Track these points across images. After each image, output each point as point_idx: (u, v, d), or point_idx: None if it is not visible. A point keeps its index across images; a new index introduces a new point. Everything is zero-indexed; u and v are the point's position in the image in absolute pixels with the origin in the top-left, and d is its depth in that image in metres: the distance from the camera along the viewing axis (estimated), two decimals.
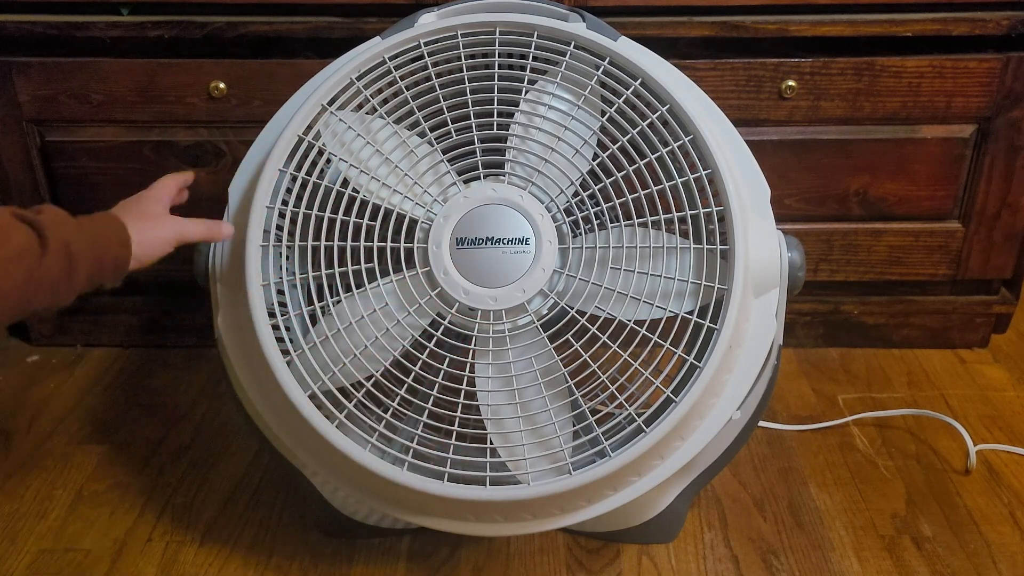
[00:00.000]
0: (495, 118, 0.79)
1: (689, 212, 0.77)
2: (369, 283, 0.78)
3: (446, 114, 0.79)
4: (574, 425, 0.78)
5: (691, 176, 0.77)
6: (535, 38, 0.79)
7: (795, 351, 1.31)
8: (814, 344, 1.32)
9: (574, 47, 0.79)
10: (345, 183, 0.78)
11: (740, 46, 1.13)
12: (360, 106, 0.81)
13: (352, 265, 0.78)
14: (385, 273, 0.78)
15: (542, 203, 0.78)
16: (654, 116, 0.77)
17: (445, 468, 0.77)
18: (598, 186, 0.78)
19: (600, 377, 0.77)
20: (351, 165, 0.79)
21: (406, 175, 0.79)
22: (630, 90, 0.78)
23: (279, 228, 0.80)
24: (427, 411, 0.78)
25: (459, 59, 0.80)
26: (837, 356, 1.30)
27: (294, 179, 0.79)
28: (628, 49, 0.80)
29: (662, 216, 0.76)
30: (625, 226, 0.77)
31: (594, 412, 0.79)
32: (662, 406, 0.77)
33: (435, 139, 0.80)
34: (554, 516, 0.81)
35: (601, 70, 0.79)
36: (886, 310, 1.30)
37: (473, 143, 0.79)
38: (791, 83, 1.13)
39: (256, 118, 1.15)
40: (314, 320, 0.79)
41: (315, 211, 0.78)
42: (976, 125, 1.17)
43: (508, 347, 0.77)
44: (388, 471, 0.77)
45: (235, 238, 0.81)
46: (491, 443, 0.78)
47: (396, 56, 0.80)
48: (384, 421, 0.77)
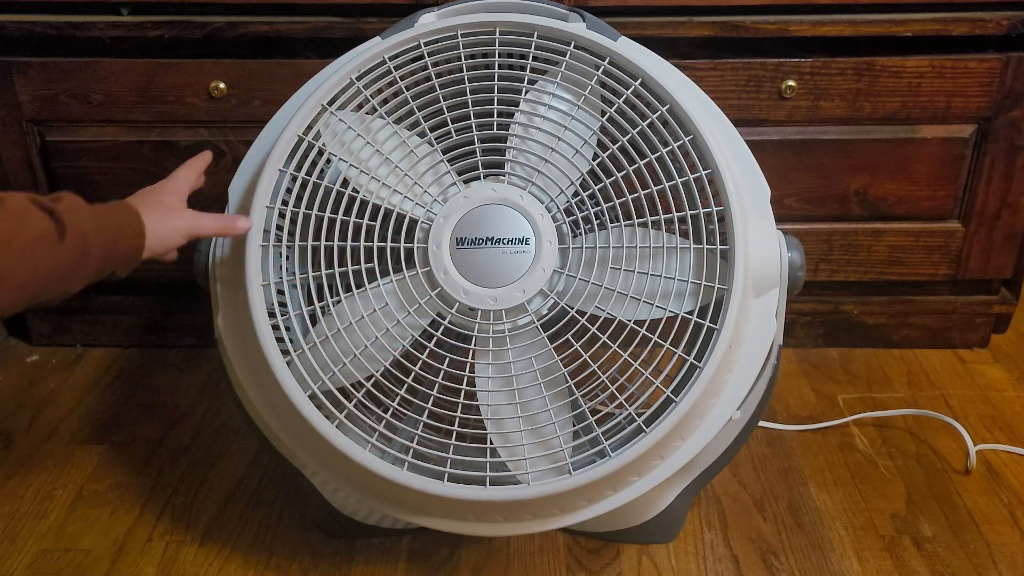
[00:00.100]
0: (495, 118, 0.79)
1: (689, 212, 0.77)
2: (369, 283, 0.78)
3: (446, 114, 0.79)
4: (574, 425, 0.78)
5: (691, 176, 0.77)
6: (535, 38, 0.79)
7: (795, 351, 1.31)
8: (814, 344, 1.32)
9: (574, 47, 0.79)
10: (345, 183, 0.78)
11: (740, 46, 1.13)
12: (360, 106, 0.81)
13: (352, 265, 0.78)
14: (385, 273, 0.78)
15: (542, 203, 0.78)
16: (654, 116, 0.77)
17: (445, 468, 0.77)
18: (598, 186, 0.78)
19: (600, 377, 0.77)
20: (351, 165, 0.79)
21: (406, 175, 0.79)
22: (630, 90, 0.78)
23: (279, 228, 0.80)
24: (427, 411, 0.77)
25: (459, 59, 0.80)
26: (837, 356, 1.30)
27: (294, 179, 0.79)
28: (628, 49, 0.80)
29: (662, 216, 0.76)
30: (625, 226, 0.77)
31: (594, 412, 0.79)
32: (662, 406, 0.77)
33: (435, 139, 0.80)
34: (554, 516, 0.81)
35: (601, 70, 0.78)
36: (886, 310, 1.30)
37: (473, 143, 0.79)
38: (791, 83, 1.13)
39: (256, 118, 1.15)
40: (314, 320, 0.79)
41: (315, 211, 0.78)
42: (976, 125, 1.17)
43: (508, 347, 0.77)
44: (388, 471, 0.77)
45: (235, 238, 0.81)
46: (491, 443, 0.78)
47: (396, 56, 0.80)
48: (384, 421, 0.77)
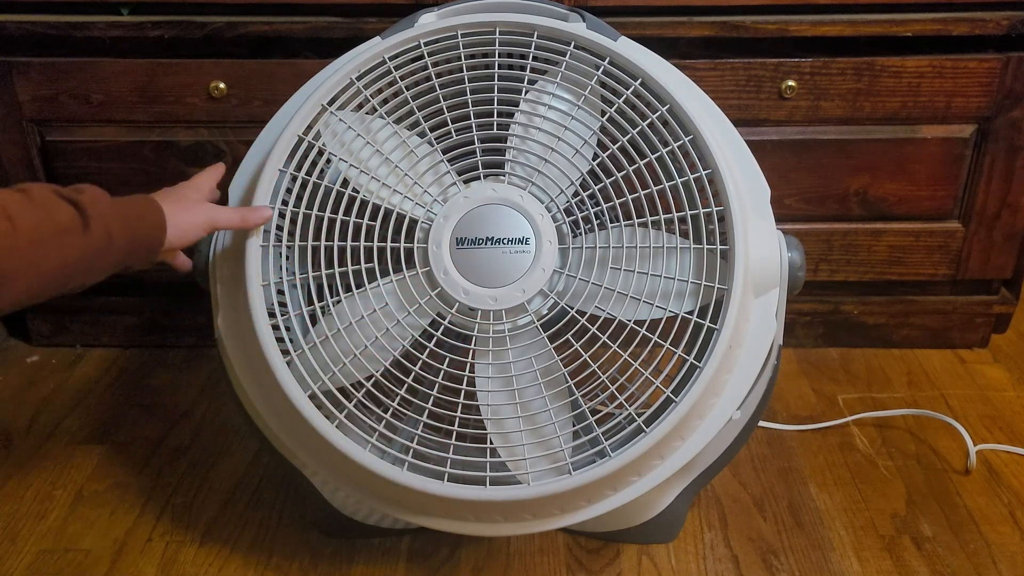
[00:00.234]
0: (495, 118, 0.79)
1: (689, 212, 0.77)
2: (369, 283, 0.78)
3: (446, 114, 0.79)
4: (574, 425, 0.78)
5: (691, 176, 0.77)
6: (535, 38, 0.79)
7: (795, 351, 1.31)
8: (814, 344, 1.32)
9: (574, 47, 0.79)
10: (345, 183, 0.78)
11: (740, 46, 1.13)
12: (360, 106, 0.81)
13: (352, 265, 0.78)
14: (385, 273, 0.78)
15: (542, 203, 0.78)
16: (654, 116, 0.77)
17: (445, 468, 0.77)
18: (598, 186, 0.78)
19: (600, 377, 0.77)
20: (351, 165, 0.79)
21: (406, 175, 0.79)
22: (630, 90, 0.78)
23: (279, 228, 0.80)
24: (427, 411, 0.77)
25: (459, 59, 0.80)
26: (837, 356, 1.30)
27: (294, 179, 0.79)
28: (628, 49, 0.80)
29: (662, 216, 0.76)
30: (625, 226, 0.77)
31: (594, 412, 0.79)
32: (662, 406, 0.77)
33: (435, 139, 0.80)
34: (554, 516, 0.81)
35: (601, 70, 0.78)
36: (886, 310, 1.30)
37: (473, 143, 0.79)
38: (791, 83, 1.13)
39: (256, 118, 1.15)
40: (314, 320, 0.79)
41: (315, 211, 0.78)
42: (976, 125, 1.17)
43: (508, 347, 0.77)
44: (388, 471, 0.77)
45: (235, 238, 0.81)
46: (491, 443, 0.78)
47: (396, 56, 0.80)
48: (384, 421, 0.77)
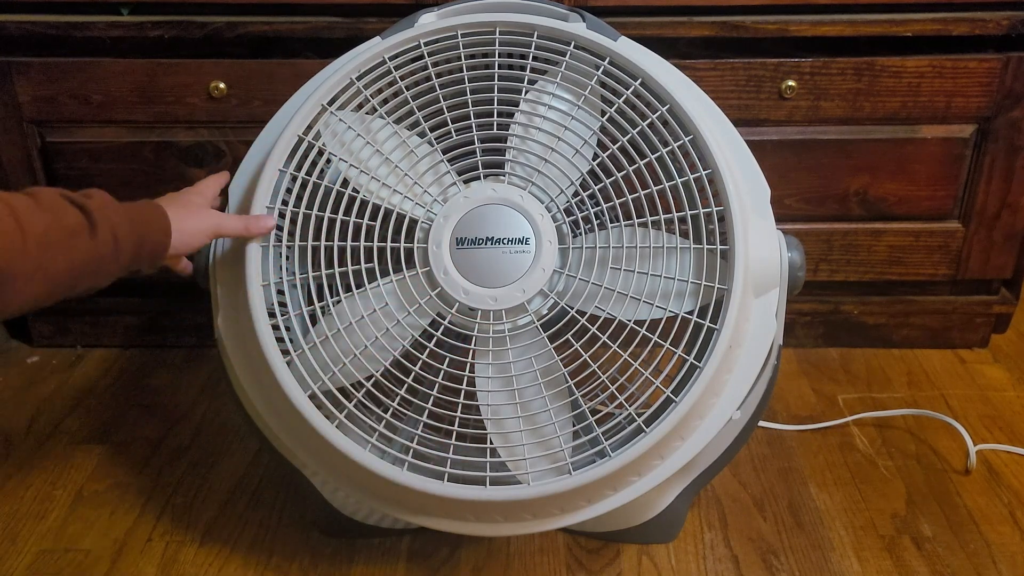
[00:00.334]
0: (495, 118, 0.79)
1: (689, 212, 0.77)
2: (369, 283, 0.78)
3: (446, 114, 0.79)
4: (574, 425, 0.78)
5: (691, 176, 0.77)
6: (535, 38, 0.79)
7: (795, 351, 1.31)
8: (814, 344, 1.32)
9: (574, 47, 0.79)
10: (345, 183, 0.78)
11: (740, 46, 1.13)
12: (360, 106, 0.81)
13: (352, 265, 0.78)
14: (385, 273, 0.78)
15: (542, 203, 0.78)
16: (654, 116, 0.77)
17: (445, 468, 0.77)
18: (598, 186, 0.78)
19: (600, 377, 0.77)
20: (351, 165, 0.79)
21: (406, 175, 0.79)
22: (630, 90, 0.78)
23: (279, 228, 0.80)
24: (427, 411, 0.77)
25: (459, 59, 0.80)
26: (837, 356, 1.30)
27: (294, 179, 0.79)
28: (628, 49, 0.80)
29: (662, 216, 0.76)
30: (625, 226, 0.77)
31: (594, 412, 0.79)
32: (662, 406, 0.77)
33: (435, 139, 0.80)
34: (554, 516, 0.81)
35: (601, 70, 0.79)
36: (886, 310, 1.30)
37: (473, 143, 0.79)
38: (791, 83, 1.13)
39: (256, 118, 1.15)
40: (314, 320, 0.79)
41: (315, 211, 0.78)
42: (976, 125, 1.17)
43: (508, 347, 0.77)
44: (388, 471, 0.77)
45: (235, 239, 0.81)
46: (491, 443, 0.78)
47: (396, 56, 0.80)
48: (384, 421, 0.77)
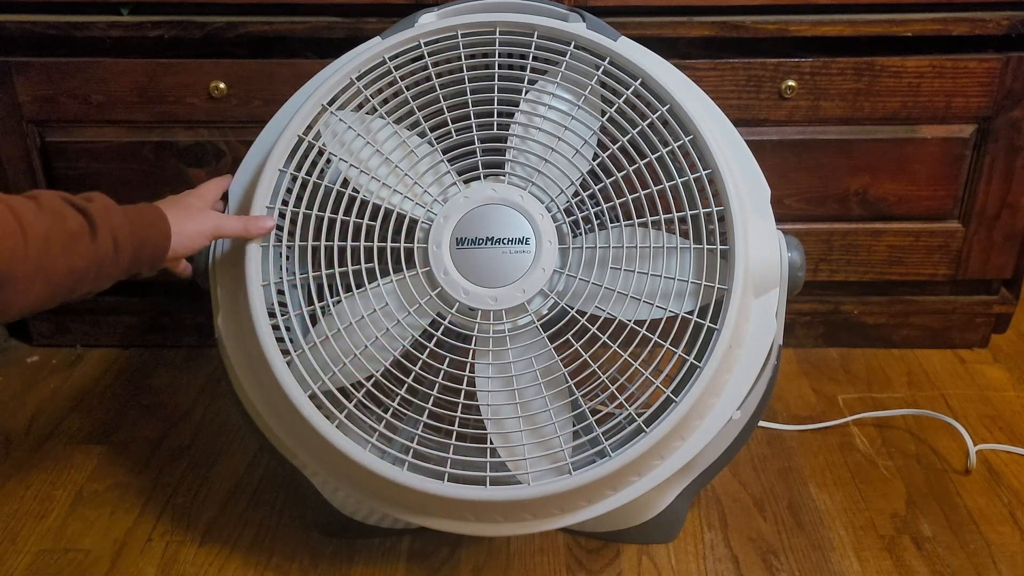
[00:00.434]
0: (495, 118, 0.79)
1: (689, 212, 0.77)
2: (369, 283, 0.78)
3: (446, 114, 0.79)
4: (574, 425, 0.78)
5: (691, 176, 0.77)
6: (535, 38, 0.79)
7: (795, 351, 1.31)
8: (814, 344, 1.32)
9: (574, 47, 0.79)
10: (345, 183, 0.78)
11: (740, 46, 1.13)
12: (360, 106, 0.81)
13: (352, 265, 0.78)
14: (385, 273, 0.78)
15: (542, 203, 0.78)
16: (654, 116, 0.77)
17: (445, 468, 0.77)
18: (598, 186, 0.78)
19: (600, 377, 0.77)
20: (351, 165, 0.79)
21: (406, 175, 0.79)
22: (630, 90, 0.78)
23: (279, 228, 0.80)
24: (427, 411, 0.77)
25: (459, 59, 0.80)
26: (837, 356, 1.30)
27: (294, 179, 0.79)
28: (628, 49, 0.80)
29: (662, 216, 0.76)
30: (625, 226, 0.77)
31: (594, 412, 0.79)
32: (662, 406, 0.77)
33: (435, 139, 0.80)
34: (554, 516, 0.81)
35: (601, 70, 0.79)
36: (886, 310, 1.30)
37: (473, 143, 0.79)
38: (791, 83, 1.13)
39: (256, 118, 1.15)
40: (314, 320, 0.79)
41: (315, 211, 0.78)
42: (976, 125, 1.17)
43: (508, 347, 0.77)
44: (388, 471, 0.77)
45: (236, 239, 0.81)
46: (491, 443, 0.78)
47: (396, 56, 0.80)
48: (384, 421, 0.77)
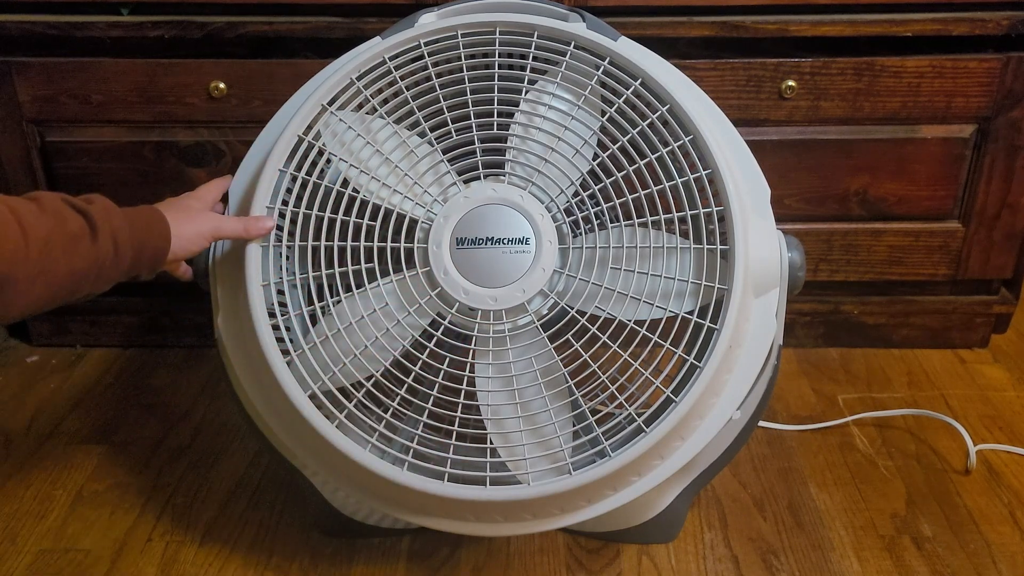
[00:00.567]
0: (495, 118, 0.79)
1: (689, 212, 0.77)
2: (369, 283, 0.78)
3: (446, 114, 0.79)
4: (574, 425, 0.78)
5: (691, 176, 0.77)
6: (535, 38, 0.79)
7: (795, 351, 1.31)
8: (814, 344, 1.32)
9: (574, 47, 0.79)
10: (345, 183, 0.78)
11: (740, 46, 1.13)
12: (360, 106, 0.81)
13: (352, 265, 0.78)
14: (385, 273, 0.78)
15: (542, 203, 0.78)
16: (654, 116, 0.77)
17: (445, 468, 0.77)
18: (598, 186, 0.78)
19: (600, 377, 0.77)
20: (351, 165, 0.79)
21: (406, 175, 0.79)
22: (630, 90, 0.78)
23: (279, 228, 0.80)
24: (427, 411, 0.77)
25: (459, 59, 0.80)
26: (837, 356, 1.30)
27: (294, 179, 0.79)
28: (628, 49, 0.80)
29: (662, 216, 0.76)
30: (625, 226, 0.77)
31: (594, 412, 0.79)
32: (662, 406, 0.77)
33: (435, 139, 0.80)
34: (554, 516, 0.81)
35: (601, 70, 0.79)
36: (886, 310, 1.30)
37: (473, 143, 0.79)
38: (791, 83, 1.13)
39: (256, 118, 1.15)
40: (314, 320, 0.79)
41: (315, 211, 0.78)
42: (976, 125, 1.17)
43: (508, 347, 0.77)
44: (388, 471, 0.77)
45: (236, 239, 0.81)
46: (491, 443, 0.78)
47: (396, 56, 0.80)
48: (384, 421, 0.77)
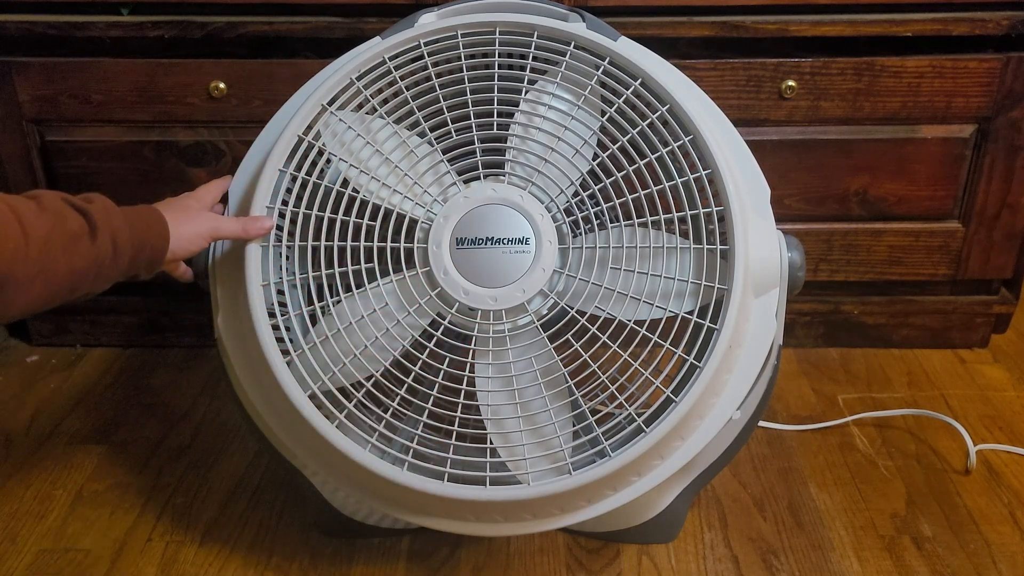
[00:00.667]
0: (495, 118, 0.79)
1: (689, 212, 0.77)
2: (369, 283, 0.78)
3: (446, 114, 0.79)
4: (574, 425, 0.78)
5: (691, 176, 0.77)
6: (535, 38, 0.79)
7: (795, 351, 1.31)
8: (814, 344, 1.32)
9: (574, 47, 0.79)
10: (345, 183, 0.78)
11: (740, 46, 1.13)
12: (360, 106, 0.81)
13: (352, 265, 0.78)
14: (385, 273, 0.78)
15: (542, 203, 0.78)
16: (654, 116, 0.77)
17: (445, 468, 0.77)
18: (598, 186, 0.78)
19: (600, 377, 0.77)
20: (351, 165, 0.79)
21: (406, 175, 0.79)
22: (630, 90, 0.78)
23: (279, 228, 0.80)
24: (427, 411, 0.77)
25: (459, 59, 0.80)
26: (837, 356, 1.30)
27: (294, 179, 0.79)
28: (628, 49, 0.80)
29: (662, 216, 0.76)
30: (625, 226, 0.77)
31: (594, 412, 0.79)
32: (662, 406, 0.77)
33: (435, 139, 0.80)
34: (554, 516, 0.81)
35: (601, 70, 0.78)
36: (886, 310, 1.30)
37: (473, 143, 0.79)
38: (791, 83, 1.13)
39: (256, 118, 1.15)
40: (314, 320, 0.79)
41: (315, 211, 0.78)
42: (976, 125, 1.17)
43: (508, 347, 0.77)
44: (388, 471, 0.77)
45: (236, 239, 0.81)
46: (491, 443, 0.78)
47: (396, 56, 0.80)
48: (384, 421, 0.77)
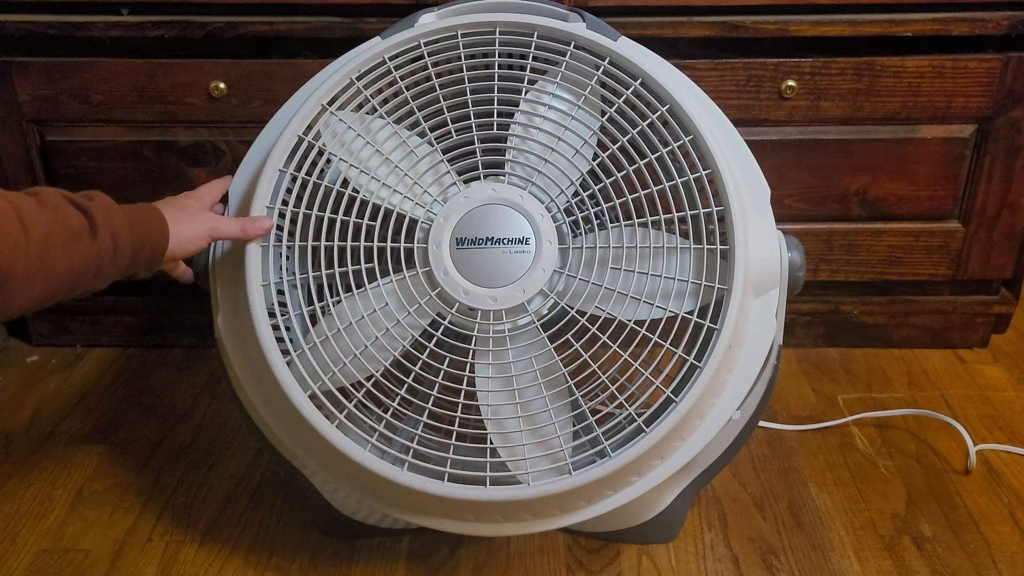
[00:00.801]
0: (495, 118, 0.79)
1: (689, 212, 0.77)
2: (369, 283, 0.78)
3: (446, 114, 0.79)
4: (574, 425, 0.78)
5: (691, 176, 0.77)
6: (535, 38, 0.79)
7: (795, 351, 1.31)
8: (814, 344, 1.32)
9: (574, 47, 0.79)
10: (345, 183, 0.78)
11: (740, 46, 1.13)
12: (360, 106, 0.81)
13: (352, 265, 0.78)
14: (385, 273, 0.78)
15: (542, 203, 0.78)
16: (654, 116, 0.77)
17: (445, 468, 0.77)
18: (598, 186, 0.78)
19: (600, 377, 0.77)
20: (351, 165, 0.79)
21: (406, 175, 0.79)
22: (630, 90, 0.78)
23: (279, 228, 0.80)
24: (427, 411, 0.77)
25: (459, 59, 0.80)
26: (837, 356, 1.30)
27: (294, 179, 0.79)
28: (628, 49, 0.80)
29: (662, 216, 0.76)
30: (625, 226, 0.77)
31: (594, 412, 0.79)
32: (662, 406, 0.77)
33: (435, 139, 0.80)
34: (554, 516, 0.81)
35: (601, 70, 0.78)
36: (886, 310, 1.30)
37: (473, 143, 0.79)
38: (791, 83, 1.13)
39: (256, 118, 1.15)
40: (314, 320, 0.79)
41: (315, 211, 0.78)
42: (976, 125, 1.17)
43: (508, 347, 0.77)
44: (388, 471, 0.77)
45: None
46: (491, 443, 0.78)
47: (396, 56, 0.80)
48: (384, 421, 0.77)
